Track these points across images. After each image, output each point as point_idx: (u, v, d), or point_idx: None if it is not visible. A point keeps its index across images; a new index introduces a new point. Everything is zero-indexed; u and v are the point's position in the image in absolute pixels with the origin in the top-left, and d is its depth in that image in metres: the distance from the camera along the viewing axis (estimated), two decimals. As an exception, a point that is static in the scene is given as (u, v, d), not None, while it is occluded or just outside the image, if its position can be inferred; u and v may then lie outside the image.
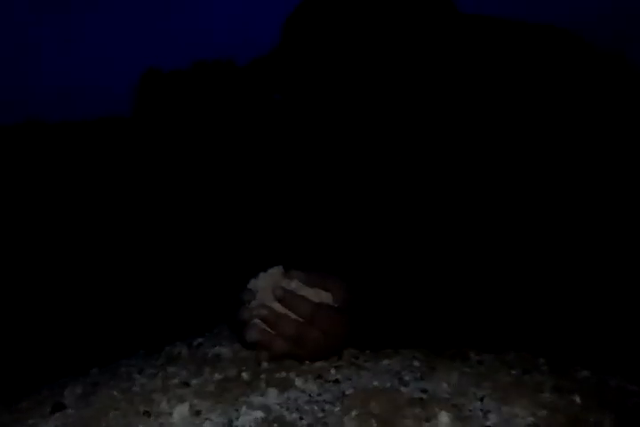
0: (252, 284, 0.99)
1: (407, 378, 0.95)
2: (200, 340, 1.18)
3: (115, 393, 0.92)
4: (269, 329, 0.96)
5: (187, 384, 0.94)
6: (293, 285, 0.98)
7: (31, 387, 1.10)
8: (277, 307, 0.96)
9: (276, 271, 0.99)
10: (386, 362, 1.01)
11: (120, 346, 1.31)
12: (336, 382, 0.95)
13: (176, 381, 0.96)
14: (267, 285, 0.98)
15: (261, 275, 0.99)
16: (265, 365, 0.99)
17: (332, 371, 0.97)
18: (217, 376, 0.96)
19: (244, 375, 0.95)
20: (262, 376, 0.95)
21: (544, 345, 1.05)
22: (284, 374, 0.96)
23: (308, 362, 1.00)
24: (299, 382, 0.94)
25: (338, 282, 1.00)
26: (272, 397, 0.89)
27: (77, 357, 1.27)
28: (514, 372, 0.95)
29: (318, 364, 1.00)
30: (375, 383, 0.92)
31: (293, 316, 0.96)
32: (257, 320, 0.97)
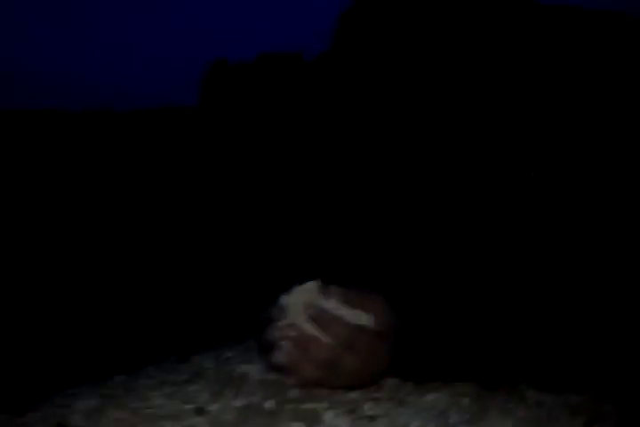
0: (284, 300, 0.89)
1: (454, 419, 0.82)
2: (229, 354, 1.09)
3: (124, 415, 0.83)
4: (299, 352, 0.86)
5: (203, 411, 0.84)
6: (330, 304, 0.87)
7: (45, 393, 1.02)
8: (309, 328, 0.85)
9: (311, 287, 0.88)
10: (431, 397, 0.89)
11: (154, 350, 1.22)
12: (371, 418, 0.83)
13: (193, 405, 0.86)
14: (299, 302, 0.87)
15: (294, 290, 0.88)
16: (293, 392, 0.88)
17: (368, 405, 0.86)
18: (238, 402, 0.86)
19: (268, 404, 0.85)
20: (288, 406, 0.85)
21: (615, 388, 0.91)
22: (312, 404, 0.85)
23: (341, 391, 0.89)
24: (328, 416, 0.83)
25: (380, 302, 0.89)
26: (296, 433, 0.78)
27: (105, 361, 1.19)
28: (578, 419, 0.82)
29: (353, 394, 0.89)
30: (416, 424, 0.80)
31: (327, 339, 0.85)
32: (285, 342, 0.86)
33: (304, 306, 0.86)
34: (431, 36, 0.91)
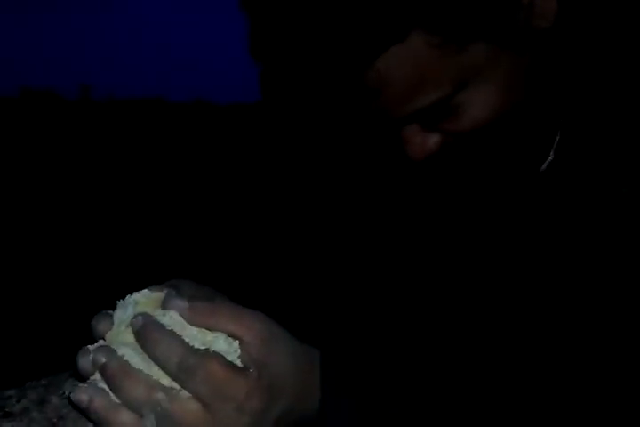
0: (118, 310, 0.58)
1: None
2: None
3: None
4: (110, 392, 0.55)
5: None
6: (167, 319, 0.56)
7: None
8: (129, 353, 0.55)
9: (152, 296, 0.58)
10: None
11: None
12: None
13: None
14: (129, 315, 0.56)
15: (127, 299, 0.58)
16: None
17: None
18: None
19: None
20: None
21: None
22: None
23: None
24: None
25: (259, 324, 0.56)
26: None
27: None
28: None
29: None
30: None
31: (152, 370, 0.54)
32: (97, 375, 0.56)
33: (130, 321, 0.55)
34: None
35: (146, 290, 0.57)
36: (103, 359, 0.54)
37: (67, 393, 0.74)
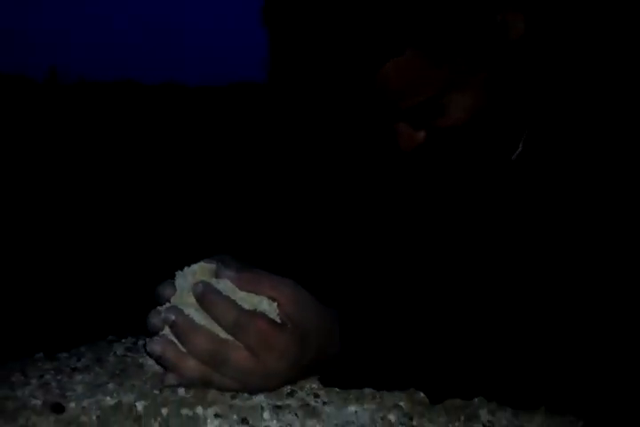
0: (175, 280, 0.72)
1: (367, 441, 0.65)
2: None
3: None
4: (179, 343, 0.69)
5: (61, 408, 0.69)
6: (221, 285, 0.70)
7: None
8: (192, 313, 0.69)
9: (205, 267, 0.72)
10: (353, 409, 0.71)
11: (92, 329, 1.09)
12: (265, 431, 0.66)
13: (56, 400, 0.71)
14: (188, 283, 0.70)
15: (185, 270, 0.72)
16: (179, 392, 0.72)
17: (267, 413, 0.69)
18: (108, 401, 0.70)
19: (139, 406, 0.69)
20: (164, 409, 0.68)
21: (588, 404, 0.73)
22: (196, 409, 0.69)
23: (239, 395, 0.72)
24: (212, 424, 0.67)
25: (292, 292, 0.71)
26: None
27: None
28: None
29: (256, 399, 0.72)
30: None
31: (212, 326, 0.68)
32: (166, 330, 0.70)
33: (192, 288, 0.69)
34: None
35: (201, 262, 0.72)
36: (173, 317, 0.68)
37: (119, 353, 0.89)
